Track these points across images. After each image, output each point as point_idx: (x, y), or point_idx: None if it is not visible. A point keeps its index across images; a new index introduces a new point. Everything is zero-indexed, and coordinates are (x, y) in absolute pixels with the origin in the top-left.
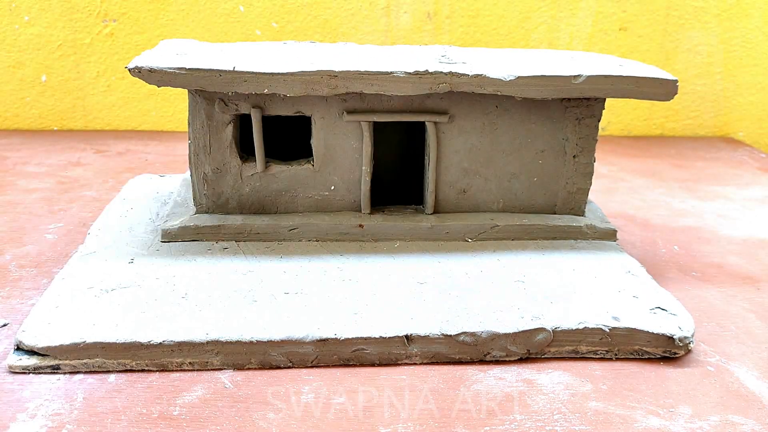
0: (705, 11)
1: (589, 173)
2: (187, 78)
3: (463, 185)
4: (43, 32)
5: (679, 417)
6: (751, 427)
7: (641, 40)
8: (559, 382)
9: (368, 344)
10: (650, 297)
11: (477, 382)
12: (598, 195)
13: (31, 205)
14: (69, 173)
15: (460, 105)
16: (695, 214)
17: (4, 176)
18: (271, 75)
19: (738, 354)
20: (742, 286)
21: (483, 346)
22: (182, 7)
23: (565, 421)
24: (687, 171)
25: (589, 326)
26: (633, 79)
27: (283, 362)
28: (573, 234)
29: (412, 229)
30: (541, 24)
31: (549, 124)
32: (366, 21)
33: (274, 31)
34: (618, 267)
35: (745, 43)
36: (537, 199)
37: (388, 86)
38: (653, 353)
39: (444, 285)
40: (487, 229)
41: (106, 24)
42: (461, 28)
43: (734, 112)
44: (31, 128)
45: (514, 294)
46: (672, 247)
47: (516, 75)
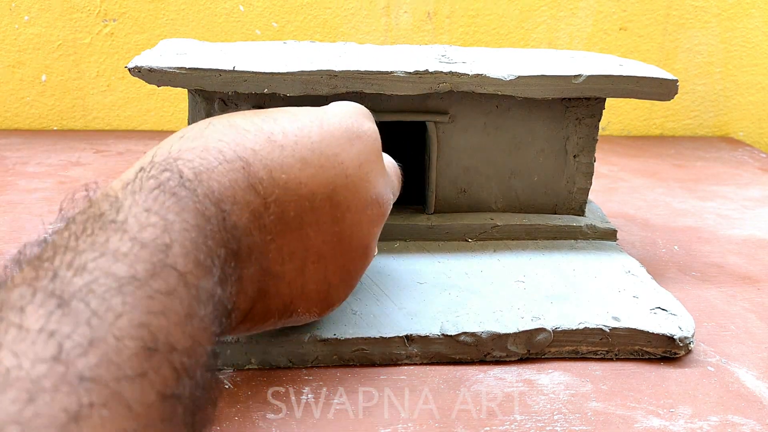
0: (705, 11)
1: (589, 173)
2: (187, 78)
3: (463, 185)
4: (43, 32)
5: (679, 417)
6: (752, 427)
7: (641, 40)
8: (559, 382)
9: (368, 344)
10: (650, 297)
11: (477, 383)
12: (598, 195)
13: (31, 205)
14: (69, 173)
15: (460, 105)
16: (695, 214)
17: (4, 176)
18: (271, 75)
19: (738, 354)
20: (742, 286)
21: (483, 347)
22: (182, 7)
23: (565, 422)
24: (687, 171)
25: (590, 326)
26: (633, 78)
27: (283, 362)
28: (573, 234)
29: (412, 228)
30: (541, 24)
31: (549, 123)
32: (366, 21)
33: (274, 31)
34: (618, 267)
35: (745, 43)
36: (537, 198)
37: (388, 86)
38: (653, 353)
39: (444, 285)
40: (488, 229)
41: (106, 24)
42: (461, 27)
43: (734, 112)
44: (31, 128)
45: (515, 294)
46: (672, 247)
47: (516, 75)
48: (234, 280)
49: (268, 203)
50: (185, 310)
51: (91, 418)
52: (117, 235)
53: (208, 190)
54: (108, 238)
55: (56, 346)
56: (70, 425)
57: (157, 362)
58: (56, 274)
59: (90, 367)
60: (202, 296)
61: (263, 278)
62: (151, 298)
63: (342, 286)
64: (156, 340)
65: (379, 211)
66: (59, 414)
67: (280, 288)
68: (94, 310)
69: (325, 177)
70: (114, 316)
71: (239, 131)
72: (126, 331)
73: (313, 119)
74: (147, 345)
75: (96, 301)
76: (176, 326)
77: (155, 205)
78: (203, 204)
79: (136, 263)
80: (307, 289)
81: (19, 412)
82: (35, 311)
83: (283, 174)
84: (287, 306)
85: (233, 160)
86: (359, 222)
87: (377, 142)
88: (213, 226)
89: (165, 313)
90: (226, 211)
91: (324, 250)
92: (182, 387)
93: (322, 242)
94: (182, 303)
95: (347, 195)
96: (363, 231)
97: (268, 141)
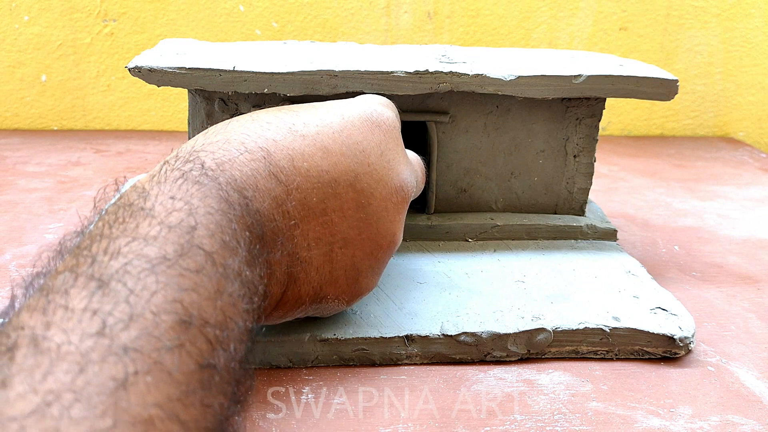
0: (705, 11)
1: (589, 173)
2: (187, 78)
3: (463, 185)
4: (43, 32)
5: (679, 417)
6: (752, 427)
7: (641, 40)
8: (559, 382)
9: (368, 344)
10: (650, 297)
11: (477, 383)
12: (599, 195)
13: (31, 205)
14: (69, 173)
15: (460, 105)
16: (695, 214)
17: (4, 176)
18: (271, 75)
19: (738, 354)
20: (743, 286)
21: (483, 346)
22: (182, 7)
23: (565, 422)
24: (687, 171)
25: (590, 326)
26: (634, 78)
27: (283, 362)
28: (573, 234)
29: (412, 228)
30: (542, 24)
31: (549, 123)
32: (366, 21)
33: (274, 31)
34: (618, 267)
35: (745, 43)
36: (537, 198)
37: (388, 86)
38: (654, 353)
39: (444, 285)
40: (488, 229)
41: (106, 24)
42: (461, 27)
43: (734, 112)
44: (31, 128)
45: (515, 294)
46: (672, 247)
47: (516, 75)
48: (261, 262)
49: (289, 190)
50: (214, 287)
51: (137, 385)
52: (146, 221)
53: (231, 178)
54: (138, 224)
55: (100, 322)
56: (119, 391)
57: (193, 334)
58: (95, 259)
59: (132, 339)
60: (229, 274)
61: (292, 263)
62: (182, 276)
63: (370, 273)
64: (190, 314)
65: (404, 198)
66: (108, 382)
67: (310, 273)
68: (131, 288)
69: (346, 164)
70: (149, 294)
71: (261, 124)
72: (161, 307)
73: (334, 110)
74: (182, 318)
75: (132, 281)
76: (207, 301)
77: (179, 193)
78: (226, 191)
79: (166, 245)
80: (336, 275)
81: (72, 381)
82: (78, 293)
83: (304, 162)
84: (317, 292)
85: (254, 150)
86: (384, 209)
87: (397, 131)
88: (236, 211)
89: (196, 289)
90: (248, 197)
91: (350, 235)
92: (217, 357)
93: (348, 228)
94: (211, 280)
95: (370, 182)
96: (389, 218)
97: (289, 131)
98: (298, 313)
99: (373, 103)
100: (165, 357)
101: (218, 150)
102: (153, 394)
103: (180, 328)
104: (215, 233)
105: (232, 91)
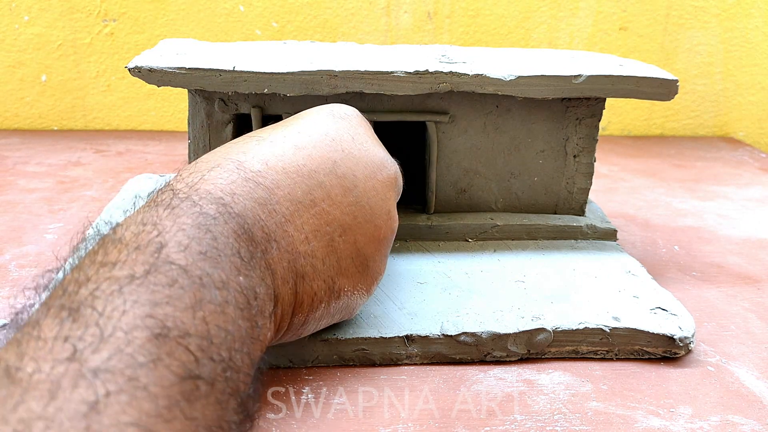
0: (705, 11)
1: (589, 173)
2: (187, 78)
3: (463, 185)
4: (43, 32)
5: (679, 417)
6: (752, 427)
7: (641, 39)
8: (559, 382)
9: (368, 344)
10: (650, 297)
11: (477, 383)
12: (599, 195)
13: (31, 205)
14: (69, 173)
15: (460, 105)
16: (695, 214)
17: (4, 176)
18: (271, 75)
19: (738, 354)
20: (742, 286)
21: (483, 347)
22: (182, 7)
23: (565, 422)
24: (687, 171)
25: (590, 326)
26: (633, 78)
27: (283, 362)
28: (573, 234)
29: (412, 228)
30: (542, 24)
31: (549, 123)
32: (366, 21)
33: (274, 31)
34: (618, 267)
35: (745, 43)
36: (537, 198)
37: (388, 86)
38: (654, 353)
39: (444, 285)
40: (488, 229)
41: (106, 24)
42: (461, 27)
43: (734, 112)
44: (31, 128)
45: (515, 294)
46: (672, 247)
47: (516, 75)
48: (256, 263)
49: (270, 189)
50: (192, 298)
51: (110, 406)
52: (115, 248)
53: (204, 192)
54: (107, 252)
55: (71, 348)
56: (91, 415)
57: (170, 347)
58: (65, 290)
59: (103, 360)
60: (208, 283)
61: (293, 259)
62: (154, 292)
63: (377, 256)
64: (165, 327)
65: (389, 177)
66: (80, 406)
67: (316, 266)
68: (101, 311)
69: (322, 154)
70: (120, 313)
71: (228, 146)
72: (132, 324)
73: (296, 121)
74: (155, 332)
75: (101, 304)
76: (184, 312)
77: (148, 218)
78: (200, 205)
79: (134, 265)
80: (345, 264)
81: (44, 409)
82: (50, 323)
83: (278, 162)
84: (330, 285)
85: (225, 164)
86: (373, 188)
87: (363, 120)
88: (216, 220)
89: (170, 302)
90: (226, 203)
91: (346, 221)
92: (203, 368)
93: (342, 214)
94: (186, 292)
95: (350, 165)
96: (379, 197)
97: (256, 142)
98: (323, 316)
99: (331, 105)
100: (139, 373)
101: (188, 176)
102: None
103: (155, 342)
104: (189, 246)
105: (232, 91)
